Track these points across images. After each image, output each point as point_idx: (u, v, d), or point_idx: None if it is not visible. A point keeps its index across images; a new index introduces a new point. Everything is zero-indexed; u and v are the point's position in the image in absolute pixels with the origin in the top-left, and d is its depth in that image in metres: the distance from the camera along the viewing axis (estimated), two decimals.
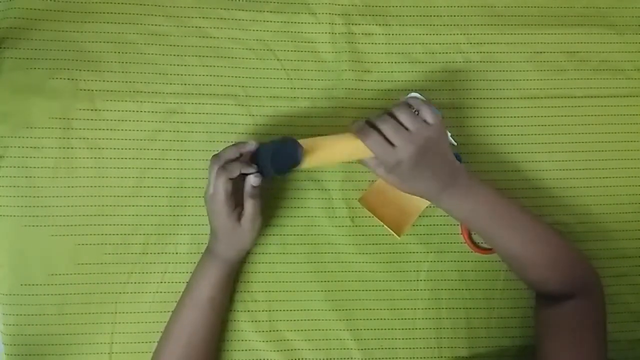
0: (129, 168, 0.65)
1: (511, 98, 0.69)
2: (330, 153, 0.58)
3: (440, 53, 0.69)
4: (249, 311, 0.64)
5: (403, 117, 0.55)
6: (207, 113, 0.66)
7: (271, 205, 0.66)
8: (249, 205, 0.56)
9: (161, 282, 0.64)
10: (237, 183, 0.55)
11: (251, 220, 0.57)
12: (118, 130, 0.65)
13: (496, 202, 0.60)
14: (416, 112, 0.56)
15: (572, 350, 0.54)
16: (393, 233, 0.65)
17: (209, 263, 0.60)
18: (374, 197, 0.66)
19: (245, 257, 0.64)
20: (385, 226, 0.65)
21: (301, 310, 0.65)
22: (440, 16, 0.70)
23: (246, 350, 0.64)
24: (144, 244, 0.64)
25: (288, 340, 0.64)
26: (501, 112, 0.69)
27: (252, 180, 0.54)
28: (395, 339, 0.65)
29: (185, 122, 0.66)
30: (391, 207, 0.66)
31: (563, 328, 0.56)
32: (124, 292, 0.64)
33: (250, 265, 0.65)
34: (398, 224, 0.65)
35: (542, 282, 0.60)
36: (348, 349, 0.65)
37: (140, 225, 0.64)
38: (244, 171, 0.54)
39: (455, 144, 0.66)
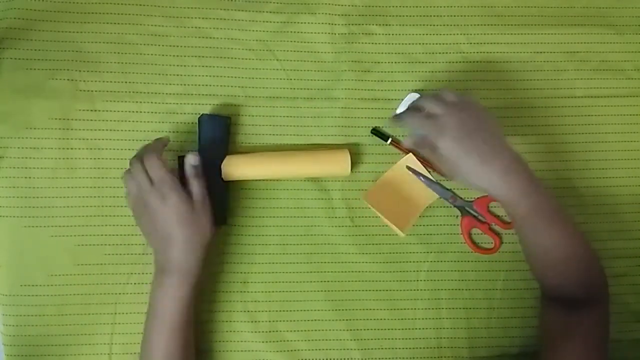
0: None
1: (511, 98, 0.69)
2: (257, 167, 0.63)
3: (440, 53, 0.69)
4: (248, 311, 0.64)
5: (443, 93, 0.57)
6: (207, 113, 0.66)
7: (271, 205, 0.66)
8: (195, 186, 0.56)
9: None
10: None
11: (202, 200, 0.56)
12: (118, 130, 0.65)
13: (552, 200, 0.56)
14: None
15: (584, 356, 0.53)
16: (397, 229, 0.65)
17: (170, 282, 0.55)
18: (379, 193, 0.66)
19: (243, 257, 0.65)
20: (388, 222, 0.65)
21: (301, 310, 0.65)
22: (440, 16, 0.70)
23: (246, 350, 0.64)
24: (143, 244, 0.64)
25: (288, 340, 0.64)
26: (500, 112, 0.68)
27: (190, 159, 0.58)
28: (395, 339, 0.65)
29: (184, 123, 0.65)
30: (395, 204, 0.66)
31: (578, 334, 0.54)
32: (124, 293, 0.64)
33: (250, 266, 0.65)
34: (402, 220, 0.65)
35: (565, 284, 0.58)
36: (348, 349, 0.65)
37: None
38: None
39: None
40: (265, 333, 0.64)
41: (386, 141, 0.66)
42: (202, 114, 0.64)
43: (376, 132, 0.67)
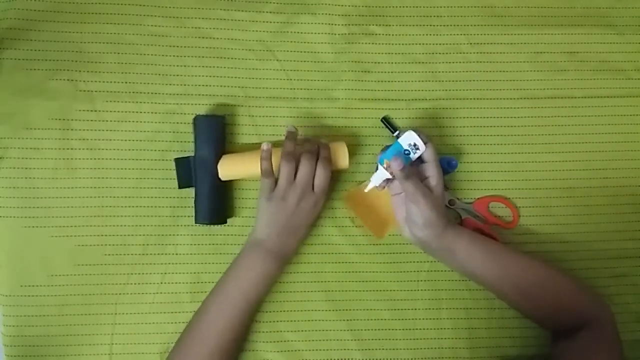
0: (129, 169, 0.65)
1: (511, 98, 0.69)
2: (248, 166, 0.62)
3: (440, 53, 0.69)
4: None
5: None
6: (202, 114, 0.66)
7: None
8: (320, 178, 0.60)
9: (161, 283, 0.64)
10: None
11: (322, 193, 0.61)
12: (118, 130, 0.65)
13: (498, 247, 0.62)
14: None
15: None
16: (373, 235, 0.65)
17: (272, 265, 0.59)
18: (359, 197, 0.66)
19: None
20: (365, 227, 0.66)
21: (301, 310, 0.65)
22: (440, 16, 0.69)
23: (247, 350, 0.64)
24: (144, 244, 0.64)
25: (288, 340, 0.64)
26: (501, 112, 0.68)
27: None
28: (396, 339, 0.65)
29: (184, 123, 0.65)
30: (375, 209, 0.66)
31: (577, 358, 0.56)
32: (124, 293, 0.64)
33: None
34: (380, 226, 0.66)
35: (551, 320, 0.61)
36: (348, 349, 0.65)
37: (140, 225, 0.64)
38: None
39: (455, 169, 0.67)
40: (265, 333, 0.64)
41: (393, 133, 0.66)
42: (197, 115, 0.64)
43: (386, 121, 0.67)
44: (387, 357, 0.65)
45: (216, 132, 0.64)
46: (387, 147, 0.59)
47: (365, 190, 0.60)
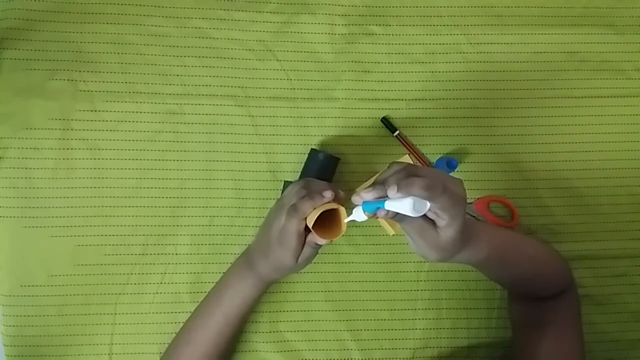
0: (129, 169, 0.65)
1: (511, 98, 0.69)
2: None
3: (440, 53, 0.69)
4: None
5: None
6: (206, 114, 0.66)
7: (270, 205, 0.66)
8: (312, 250, 0.54)
9: (161, 283, 0.64)
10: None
11: (307, 261, 0.54)
12: (118, 131, 0.65)
13: (512, 251, 0.56)
14: None
15: (556, 343, 0.56)
16: (387, 228, 0.65)
17: (249, 281, 0.57)
18: None
19: None
20: (380, 222, 0.65)
21: (301, 310, 0.65)
22: (440, 16, 0.69)
23: (247, 351, 0.64)
24: (144, 244, 0.64)
25: (288, 341, 0.65)
26: (501, 112, 0.68)
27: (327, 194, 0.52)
28: (395, 339, 0.65)
29: (184, 123, 0.65)
30: None
31: (552, 321, 0.57)
32: (124, 293, 0.64)
33: None
34: (392, 222, 0.65)
35: (537, 293, 0.60)
36: (348, 349, 0.65)
37: (140, 225, 0.64)
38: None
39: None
40: (265, 334, 0.64)
41: (393, 133, 0.67)
42: (312, 149, 0.63)
43: (386, 121, 0.67)
44: (386, 357, 0.65)
45: (326, 170, 0.63)
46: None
47: (345, 221, 0.51)
